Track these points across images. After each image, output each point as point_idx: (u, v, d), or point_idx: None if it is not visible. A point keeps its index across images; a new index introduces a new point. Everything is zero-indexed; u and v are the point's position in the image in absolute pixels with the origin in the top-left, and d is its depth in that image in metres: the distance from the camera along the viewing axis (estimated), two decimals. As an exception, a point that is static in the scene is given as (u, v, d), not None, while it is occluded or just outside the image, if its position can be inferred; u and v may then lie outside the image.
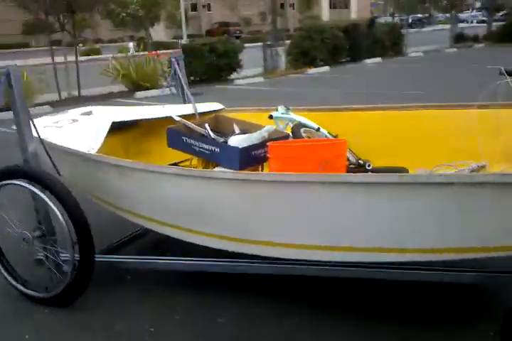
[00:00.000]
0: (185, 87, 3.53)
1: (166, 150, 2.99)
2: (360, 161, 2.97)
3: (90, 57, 21.11)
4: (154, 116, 3.26)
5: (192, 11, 42.80)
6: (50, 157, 2.71)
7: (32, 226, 2.60)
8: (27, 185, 2.47)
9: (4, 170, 2.54)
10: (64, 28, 10.87)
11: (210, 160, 2.79)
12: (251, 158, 2.64)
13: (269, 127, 2.71)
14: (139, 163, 2.41)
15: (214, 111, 3.52)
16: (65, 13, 10.45)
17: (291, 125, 3.13)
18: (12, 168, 2.52)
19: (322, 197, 2.02)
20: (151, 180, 2.39)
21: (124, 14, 11.90)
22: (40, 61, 10.82)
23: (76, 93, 10.92)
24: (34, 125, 2.57)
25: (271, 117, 3.09)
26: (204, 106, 3.54)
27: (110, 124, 2.93)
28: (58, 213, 2.40)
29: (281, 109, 3.20)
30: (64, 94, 10.79)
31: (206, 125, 2.91)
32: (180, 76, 3.52)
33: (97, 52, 23.21)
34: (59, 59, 10.97)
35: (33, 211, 2.58)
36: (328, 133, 3.08)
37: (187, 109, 3.45)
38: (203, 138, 2.79)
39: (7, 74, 2.36)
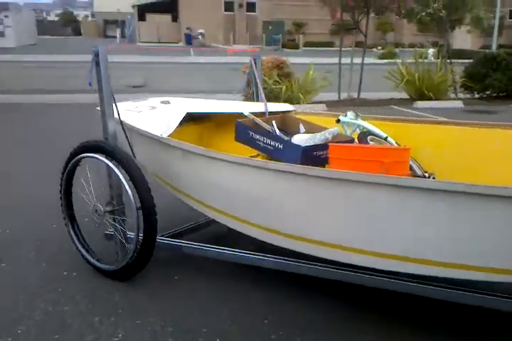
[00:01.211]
0: (259, 85, 3.65)
1: (234, 146, 3.09)
2: (426, 174, 2.93)
3: (379, 61, 21.22)
4: (227, 111, 3.40)
5: (510, 18, 34.56)
6: (127, 137, 2.93)
7: (105, 201, 2.81)
8: (104, 160, 2.68)
9: (86, 144, 2.77)
10: (360, 29, 10.59)
11: (273, 157, 2.85)
12: (313, 158, 2.68)
13: (334, 130, 2.75)
14: (202, 149, 2.54)
15: (284, 111, 3.61)
16: (362, 13, 10.22)
17: (358, 131, 3.15)
18: (93, 142, 2.75)
19: (375, 200, 2.03)
20: (211, 166, 2.51)
21: (424, 14, 10.86)
22: (341, 61, 10.37)
23: (355, 95, 10.65)
24: (116, 107, 2.79)
25: (338, 121, 3.12)
26: (275, 106, 3.63)
27: (184, 114, 3.10)
28: (129, 190, 2.57)
29: (350, 114, 3.21)
30: (343, 95, 10.62)
31: (273, 122, 3.00)
32: (256, 75, 3.65)
33: (393, 56, 21.18)
34: (356, 60, 10.57)
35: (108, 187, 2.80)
36: (396, 143, 3.07)
37: (258, 107, 3.56)
38: (269, 133, 2.87)
39: (96, 53, 2.58)
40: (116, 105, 2.78)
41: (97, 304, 2.54)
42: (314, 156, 2.68)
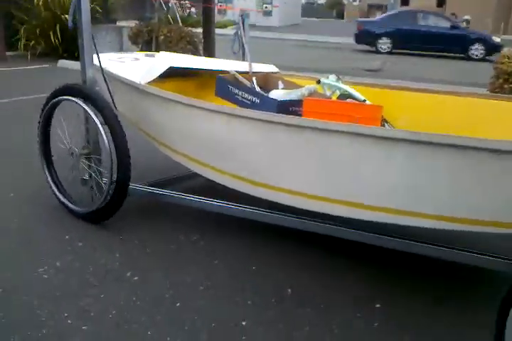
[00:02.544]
0: (245, 45, 3.65)
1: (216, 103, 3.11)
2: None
3: None
4: (210, 68, 3.41)
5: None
6: (107, 86, 2.94)
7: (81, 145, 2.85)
8: (81, 103, 2.70)
9: (64, 87, 2.79)
10: None
11: (249, 111, 2.90)
12: (288, 113, 2.71)
13: (311, 86, 2.78)
14: (179, 96, 2.57)
15: (269, 72, 3.62)
16: None
17: (338, 93, 3.18)
18: (71, 85, 2.77)
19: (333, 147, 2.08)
20: (186, 113, 2.54)
21: None
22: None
23: None
24: (97, 52, 2.80)
25: (319, 82, 3.14)
26: (260, 67, 3.64)
27: (167, 67, 3.11)
28: (104, 133, 2.61)
29: (332, 77, 3.24)
30: None
31: (253, 78, 3.02)
32: (243, 35, 3.64)
33: None
34: None
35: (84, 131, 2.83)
36: (373, 106, 3.11)
37: (243, 66, 3.57)
38: (247, 88, 2.90)
39: (78, -2, 2.58)
40: (97, 52, 2.79)
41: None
42: (290, 111, 2.71)
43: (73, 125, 2.90)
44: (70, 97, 2.74)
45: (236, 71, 3.30)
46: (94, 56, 2.83)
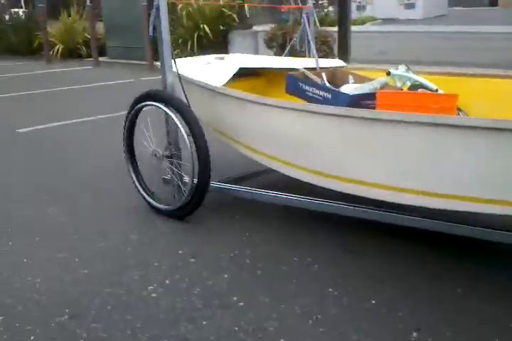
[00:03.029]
0: (311, 42, 3.71)
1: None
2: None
3: None
4: (279, 66, 3.50)
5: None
6: (184, 90, 3.12)
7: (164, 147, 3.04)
8: (162, 107, 2.89)
9: (146, 93, 2.99)
10: None
11: (321, 106, 2.96)
12: (361, 107, 2.76)
13: (382, 79, 2.80)
14: (255, 96, 2.68)
15: (336, 67, 3.66)
16: None
17: (409, 84, 3.17)
18: (153, 91, 2.96)
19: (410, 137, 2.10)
20: (263, 112, 2.65)
21: None
22: None
23: None
24: (174, 60, 2.97)
25: (389, 74, 3.14)
26: (327, 62, 3.69)
27: (238, 68, 3.24)
28: (185, 135, 2.78)
29: (401, 67, 3.23)
30: None
31: (323, 74, 3.08)
32: (308, 31, 3.70)
33: None
34: None
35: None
36: (446, 95, 3.07)
37: (310, 62, 3.63)
38: (318, 84, 2.96)
39: (157, 7, 2.75)
40: (174, 59, 2.97)
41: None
42: (362, 105, 2.74)
43: (155, 129, 3.10)
44: (152, 102, 2.93)
45: (306, 67, 3.38)
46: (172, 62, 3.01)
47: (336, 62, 3.73)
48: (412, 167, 2.20)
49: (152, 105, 2.94)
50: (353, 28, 9.86)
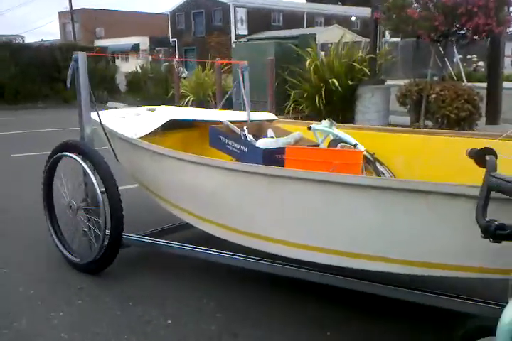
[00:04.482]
0: (244, 96, 3.79)
1: (218, 155, 3.17)
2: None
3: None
4: (209, 119, 3.55)
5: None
6: (108, 140, 3.12)
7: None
8: (77, 158, 2.85)
9: (63, 143, 2.96)
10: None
11: (238, 160, 2.97)
12: (275, 161, 2.77)
13: (296, 134, 2.84)
14: (166, 149, 2.67)
15: (267, 120, 3.72)
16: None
17: (330, 138, 3.22)
18: (70, 142, 2.94)
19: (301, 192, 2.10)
20: (168, 165, 2.64)
21: None
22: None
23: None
24: (97, 110, 2.99)
25: (309, 128, 3.21)
26: (259, 115, 3.76)
27: (167, 120, 3.26)
28: (97, 189, 2.73)
29: (325, 122, 3.30)
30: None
31: (244, 127, 3.12)
32: (242, 86, 3.80)
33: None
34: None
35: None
36: (365, 150, 3.12)
37: (242, 115, 3.69)
38: (236, 138, 2.99)
39: (76, 59, 2.80)
40: (97, 109, 2.99)
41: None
42: (276, 158, 2.77)
43: (73, 180, 3.05)
44: (68, 153, 2.90)
45: (235, 121, 3.43)
46: (94, 113, 3.02)
47: (267, 116, 3.80)
48: (304, 223, 2.17)
49: (69, 156, 2.90)
50: (505, 84, 8.68)
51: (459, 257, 1.89)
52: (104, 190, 2.71)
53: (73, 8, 34.78)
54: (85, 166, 2.80)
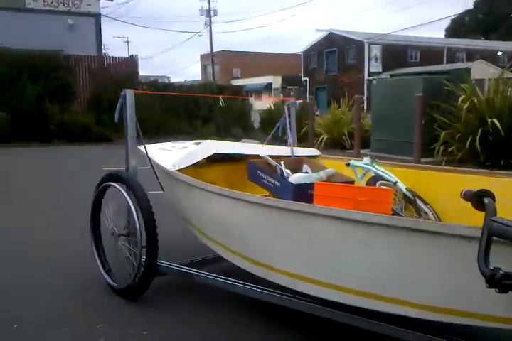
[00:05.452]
0: (289, 131, 3.84)
1: (258, 189, 3.19)
2: (435, 219, 2.89)
3: None
4: (253, 153, 3.62)
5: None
6: (155, 172, 3.29)
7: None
8: (121, 190, 3.02)
9: (110, 174, 3.16)
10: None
11: (273, 194, 3.00)
12: (306, 196, 2.77)
13: (329, 170, 2.83)
14: (199, 182, 2.76)
15: (310, 156, 3.74)
16: None
17: (372, 175, 3.17)
18: (116, 173, 3.13)
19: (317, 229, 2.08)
20: (198, 196, 2.72)
21: None
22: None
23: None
24: (143, 143, 3.18)
25: (348, 165, 3.19)
26: (302, 151, 3.78)
27: (212, 153, 3.38)
28: (136, 218, 2.88)
29: (366, 159, 3.26)
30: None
31: (281, 162, 3.15)
32: (288, 121, 3.87)
33: None
34: None
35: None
36: (406, 188, 3.03)
37: (285, 150, 3.74)
38: (271, 172, 3.03)
39: (124, 96, 3.02)
40: (143, 142, 3.18)
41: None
42: (308, 194, 2.76)
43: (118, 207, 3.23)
44: (113, 183, 3.09)
45: (279, 155, 3.48)
46: (141, 146, 3.21)
47: (310, 151, 3.81)
48: (324, 260, 2.14)
49: (113, 186, 3.09)
50: None
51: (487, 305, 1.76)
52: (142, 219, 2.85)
53: (213, 51, 37.95)
54: (128, 198, 2.95)
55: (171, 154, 3.51)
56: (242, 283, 2.68)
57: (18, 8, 17.39)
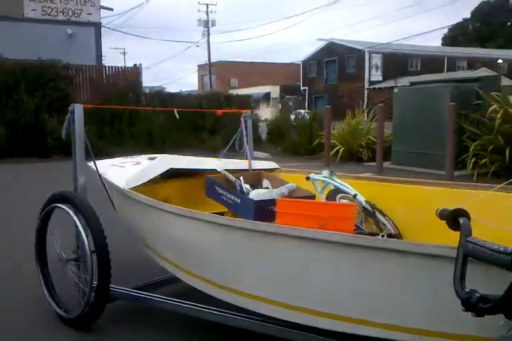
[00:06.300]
0: (245, 144, 3.76)
1: (217, 205, 3.08)
2: (393, 232, 2.84)
3: None
4: (210, 168, 3.50)
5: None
6: (106, 190, 3.10)
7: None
8: (69, 211, 2.82)
9: (56, 194, 2.95)
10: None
11: (232, 211, 2.89)
12: (267, 212, 2.67)
13: (290, 185, 2.76)
14: (153, 200, 2.62)
15: (268, 169, 3.66)
16: None
17: (331, 188, 3.13)
18: (63, 193, 2.92)
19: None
20: (153, 216, 2.58)
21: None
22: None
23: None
24: (93, 159, 3.00)
25: (308, 179, 3.13)
26: (260, 164, 3.70)
27: (166, 169, 3.23)
28: (85, 240, 2.68)
29: (325, 172, 3.22)
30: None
31: (241, 177, 3.05)
32: (244, 133, 3.78)
33: None
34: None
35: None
36: (366, 201, 3.01)
37: (243, 164, 3.64)
38: (230, 188, 2.92)
39: (72, 111, 2.83)
40: (94, 159, 3.00)
41: None
42: (269, 210, 2.67)
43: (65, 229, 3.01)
44: (60, 205, 2.87)
45: (236, 169, 3.38)
46: (91, 163, 3.03)
47: (269, 165, 3.74)
48: (287, 281, 2.04)
49: (60, 208, 2.88)
50: None
51: (446, 324, 1.72)
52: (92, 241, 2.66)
53: (211, 61, 37.51)
54: (76, 220, 2.75)
55: (124, 171, 3.33)
56: (196, 305, 2.52)
57: (16, 17, 16.57)
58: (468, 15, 54.09)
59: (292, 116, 15.79)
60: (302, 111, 23.01)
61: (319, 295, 1.95)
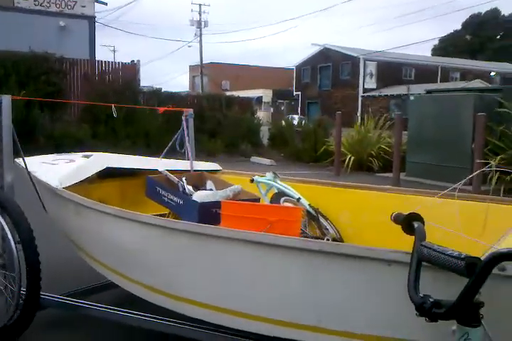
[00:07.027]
0: (187, 143, 3.65)
1: (158, 205, 2.98)
2: (337, 236, 2.86)
3: None
4: (149, 167, 3.36)
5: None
6: (36, 189, 2.87)
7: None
8: None
9: None
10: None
11: (174, 212, 2.79)
12: (212, 215, 2.59)
13: (235, 187, 2.70)
14: (90, 201, 2.45)
15: (211, 170, 3.57)
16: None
17: (275, 191, 3.10)
18: None
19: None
20: (88, 217, 2.42)
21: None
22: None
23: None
24: (22, 156, 2.77)
25: (252, 181, 3.09)
26: (202, 165, 3.61)
27: (102, 168, 3.05)
28: (12, 243, 2.45)
29: (268, 175, 3.19)
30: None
31: (183, 178, 2.95)
32: (186, 133, 3.67)
33: None
34: None
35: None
36: (309, 204, 3.01)
37: (185, 165, 3.53)
38: (173, 189, 2.82)
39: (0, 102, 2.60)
40: (23, 155, 2.77)
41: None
42: (213, 213, 2.60)
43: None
44: None
45: (178, 170, 3.27)
46: (20, 159, 2.80)
47: (211, 166, 3.66)
48: (229, 286, 1.98)
49: None
50: None
51: (398, 329, 1.73)
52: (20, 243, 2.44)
53: (203, 62, 36.02)
54: (2, 220, 2.52)
55: (57, 168, 3.12)
56: (128, 312, 2.39)
57: (5, 6, 15.20)
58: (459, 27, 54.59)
59: (295, 121, 15.54)
60: (296, 116, 22.70)
61: (265, 301, 1.90)
